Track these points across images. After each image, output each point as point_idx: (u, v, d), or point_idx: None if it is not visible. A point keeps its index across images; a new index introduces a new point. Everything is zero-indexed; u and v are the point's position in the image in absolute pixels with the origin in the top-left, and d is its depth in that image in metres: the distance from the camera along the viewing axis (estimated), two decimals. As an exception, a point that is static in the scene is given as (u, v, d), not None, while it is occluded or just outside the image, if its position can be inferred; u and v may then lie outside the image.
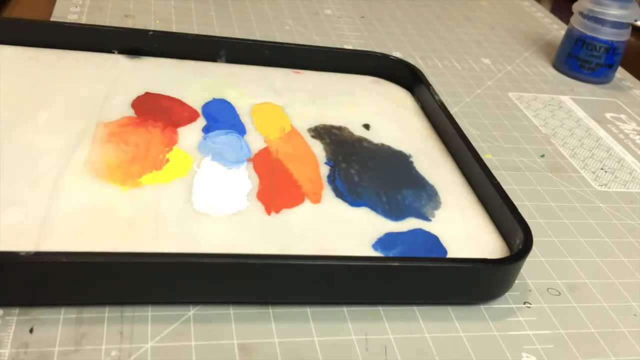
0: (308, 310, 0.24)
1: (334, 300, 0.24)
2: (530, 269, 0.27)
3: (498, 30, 0.55)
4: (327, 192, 0.29)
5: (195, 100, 0.34)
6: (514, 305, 0.26)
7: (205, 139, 0.31)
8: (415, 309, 0.25)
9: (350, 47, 0.46)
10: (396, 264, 0.24)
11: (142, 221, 0.25)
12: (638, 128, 0.43)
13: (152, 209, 0.26)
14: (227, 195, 0.27)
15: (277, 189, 0.28)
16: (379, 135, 0.34)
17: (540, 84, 0.47)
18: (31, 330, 0.21)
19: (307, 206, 0.28)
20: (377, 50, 0.42)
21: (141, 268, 0.22)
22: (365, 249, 0.26)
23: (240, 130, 0.32)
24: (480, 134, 0.38)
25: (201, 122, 0.32)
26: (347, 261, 0.23)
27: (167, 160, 0.29)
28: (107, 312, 0.22)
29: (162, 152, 0.29)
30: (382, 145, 0.33)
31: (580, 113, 0.43)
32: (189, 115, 0.32)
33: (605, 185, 0.35)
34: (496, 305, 0.26)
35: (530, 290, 0.27)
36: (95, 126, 0.30)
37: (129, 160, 0.28)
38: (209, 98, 0.34)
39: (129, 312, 0.22)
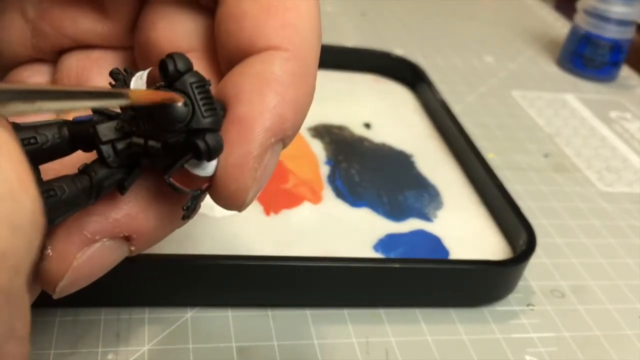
0: (308, 312, 0.23)
1: (334, 303, 0.24)
2: (533, 270, 0.27)
3: (501, 28, 0.55)
4: (328, 193, 0.28)
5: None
6: (517, 308, 0.25)
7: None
8: (417, 311, 0.24)
9: (351, 44, 0.46)
10: (397, 265, 0.23)
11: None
12: (643, 127, 0.42)
13: (149, 209, 0.25)
14: (226, 195, 0.27)
15: (276, 190, 0.28)
16: (380, 135, 0.34)
17: (543, 82, 0.46)
18: (26, 333, 0.21)
19: (307, 207, 0.27)
20: (378, 48, 0.42)
21: (138, 270, 0.21)
22: (366, 250, 0.25)
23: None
24: (482, 133, 0.38)
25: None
26: (347, 263, 0.23)
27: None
28: (103, 315, 0.22)
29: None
30: (383, 144, 0.33)
31: (585, 112, 0.43)
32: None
33: (610, 185, 0.35)
34: (499, 307, 0.25)
35: (533, 292, 0.26)
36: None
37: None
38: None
39: (126, 314, 0.22)
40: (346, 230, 0.26)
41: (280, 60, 0.15)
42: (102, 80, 0.18)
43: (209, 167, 0.14)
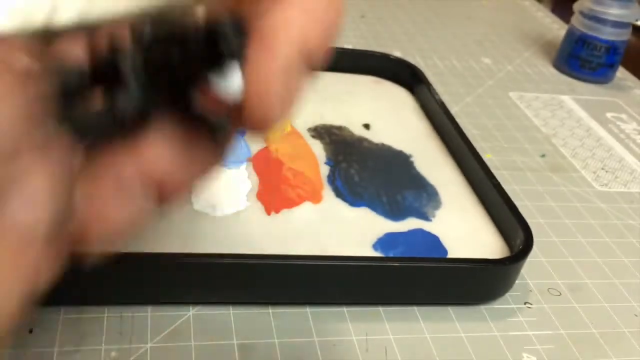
0: (308, 310, 0.24)
1: (334, 301, 0.24)
2: (530, 269, 0.27)
3: (499, 30, 0.55)
4: (327, 192, 0.29)
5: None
6: (514, 306, 0.26)
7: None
8: (416, 309, 0.24)
9: (350, 46, 0.46)
10: (396, 264, 0.24)
11: (142, 221, 0.25)
12: (639, 128, 0.43)
13: (151, 209, 0.25)
14: (227, 195, 0.27)
15: (277, 189, 0.28)
16: (379, 135, 0.34)
17: (540, 83, 0.47)
18: (31, 331, 0.21)
19: (307, 206, 0.28)
20: (378, 49, 0.42)
21: (140, 268, 0.22)
22: (365, 249, 0.26)
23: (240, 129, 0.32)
24: (480, 133, 0.38)
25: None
26: (347, 261, 0.23)
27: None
28: (106, 313, 0.22)
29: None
30: (383, 145, 0.33)
31: (581, 113, 0.43)
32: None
33: (606, 185, 0.35)
34: (497, 305, 0.25)
35: (530, 291, 0.27)
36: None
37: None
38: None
39: (129, 312, 0.22)
40: (346, 230, 0.27)
41: None
42: None
43: (234, 79, 0.13)
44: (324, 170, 0.30)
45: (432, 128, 0.35)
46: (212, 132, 0.14)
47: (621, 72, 0.50)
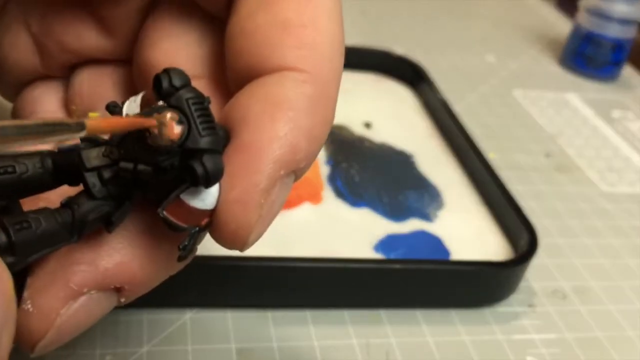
0: (308, 313, 0.23)
1: (334, 304, 0.24)
2: (535, 271, 0.27)
3: (503, 27, 0.54)
4: (328, 193, 0.28)
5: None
6: (518, 309, 0.25)
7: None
8: (418, 312, 0.24)
9: (350, 44, 0.45)
10: (398, 266, 0.23)
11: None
12: (645, 126, 0.42)
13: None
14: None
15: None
16: (380, 134, 0.33)
17: (545, 81, 0.46)
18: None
19: (307, 207, 0.27)
20: (379, 47, 0.41)
21: (136, 271, 0.21)
22: (366, 251, 0.25)
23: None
24: (483, 132, 0.38)
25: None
26: (348, 264, 0.23)
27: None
28: (101, 316, 0.22)
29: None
30: (384, 144, 0.33)
31: (587, 111, 0.43)
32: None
33: (612, 185, 0.35)
34: (500, 308, 0.25)
35: (535, 293, 0.26)
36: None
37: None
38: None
39: (124, 316, 0.22)
40: (346, 231, 0.26)
41: (295, 82, 0.13)
42: (115, 96, 0.16)
43: (208, 198, 0.12)
44: (324, 170, 0.30)
45: (434, 127, 0.35)
46: (182, 242, 0.13)
47: (627, 70, 0.50)
